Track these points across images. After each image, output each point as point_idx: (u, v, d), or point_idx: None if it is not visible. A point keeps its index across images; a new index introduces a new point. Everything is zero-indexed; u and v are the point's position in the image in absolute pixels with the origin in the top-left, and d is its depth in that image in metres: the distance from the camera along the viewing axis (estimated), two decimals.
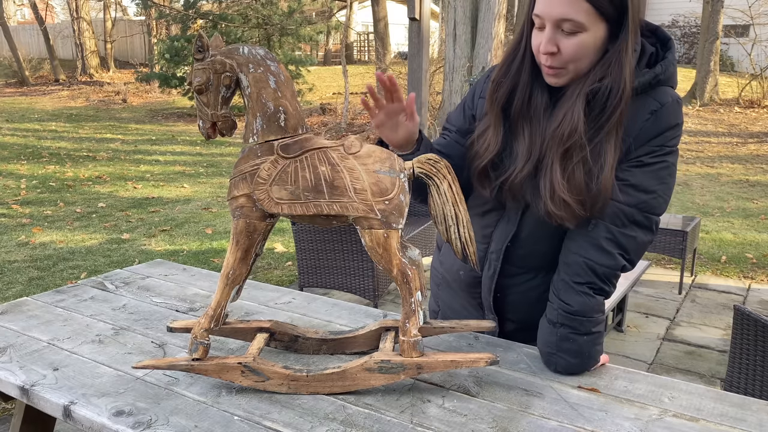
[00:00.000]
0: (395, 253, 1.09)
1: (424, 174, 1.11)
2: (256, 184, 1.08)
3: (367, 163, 1.08)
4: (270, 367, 1.15)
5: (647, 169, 1.15)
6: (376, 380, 1.14)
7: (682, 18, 16.27)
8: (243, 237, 1.11)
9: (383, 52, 12.58)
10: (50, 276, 4.35)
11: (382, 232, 1.08)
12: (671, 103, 1.16)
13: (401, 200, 1.08)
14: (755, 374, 1.90)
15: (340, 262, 3.57)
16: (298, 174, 1.08)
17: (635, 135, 1.15)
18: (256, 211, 1.10)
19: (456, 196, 1.11)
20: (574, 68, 1.13)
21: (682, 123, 1.18)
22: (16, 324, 1.47)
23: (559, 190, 1.14)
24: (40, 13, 18.55)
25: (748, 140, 9.33)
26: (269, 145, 1.09)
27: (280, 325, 1.29)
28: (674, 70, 1.18)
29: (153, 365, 1.17)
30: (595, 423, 1.06)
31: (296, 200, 1.08)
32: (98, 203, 6.49)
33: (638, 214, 1.16)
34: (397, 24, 17.87)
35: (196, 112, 1.11)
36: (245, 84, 1.08)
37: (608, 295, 1.21)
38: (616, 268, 1.18)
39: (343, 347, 1.30)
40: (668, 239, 3.98)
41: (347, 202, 1.07)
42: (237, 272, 1.12)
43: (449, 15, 6.87)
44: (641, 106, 1.15)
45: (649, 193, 1.16)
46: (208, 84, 1.08)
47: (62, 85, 17.13)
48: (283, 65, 1.10)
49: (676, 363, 3.15)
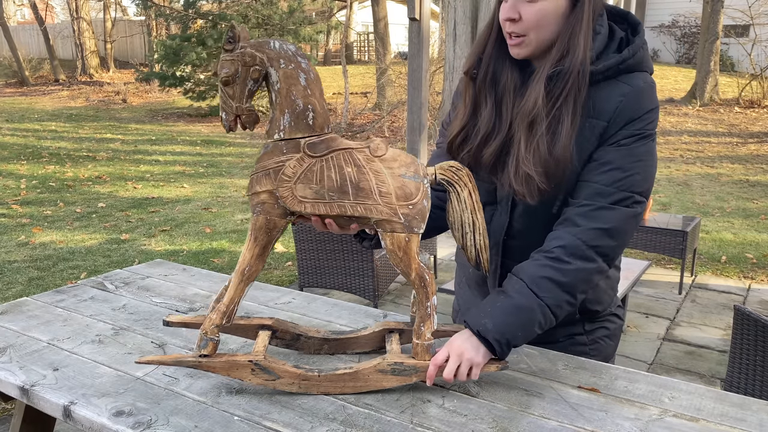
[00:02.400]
0: (414, 257, 1.10)
1: (446, 180, 1.12)
2: (281, 181, 1.07)
3: (392, 167, 1.08)
4: (281, 366, 1.14)
5: (623, 149, 1.16)
6: (388, 382, 1.14)
7: (682, 18, 16.27)
8: (262, 233, 1.10)
9: (383, 52, 12.58)
10: (50, 276, 4.35)
11: (404, 236, 1.08)
12: (645, 87, 1.17)
13: (424, 205, 1.08)
14: (755, 374, 1.90)
15: (340, 262, 3.57)
16: (323, 173, 1.07)
17: (610, 118, 1.16)
18: (278, 209, 1.09)
19: (475, 204, 1.13)
20: (536, 37, 1.16)
21: (658, 107, 1.19)
22: (16, 324, 1.47)
23: (522, 164, 1.16)
24: (40, 13, 18.55)
25: (748, 140, 9.33)
26: (296, 142, 1.07)
27: (282, 323, 1.29)
28: (644, 54, 1.19)
29: (160, 361, 1.16)
30: (595, 423, 1.06)
31: (320, 200, 1.07)
32: (98, 203, 6.49)
33: (617, 192, 1.15)
34: (397, 24, 17.86)
35: (220, 103, 1.08)
36: (275, 79, 1.06)
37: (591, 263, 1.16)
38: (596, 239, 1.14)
39: (345, 347, 1.30)
40: (668, 239, 3.98)
41: (372, 205, 1.07)
42: (253, 269, 1.11)
43: (449, 15, 6.87)
44: (612, 89, 1.16)
45: (626, 171, 1.15)
46: (235, 76, 1.05)
47: (62, 85, 17.13)
48: (311, 63, 1.09)
49: (676, 363, 3.15)
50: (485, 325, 1.12)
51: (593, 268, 1.15)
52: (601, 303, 1.33)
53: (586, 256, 1.14)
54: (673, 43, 16.58)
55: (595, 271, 1.16)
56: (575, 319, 1.32)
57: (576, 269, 1.14)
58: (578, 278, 1.15)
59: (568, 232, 1.16)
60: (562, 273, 1.13)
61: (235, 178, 7.81)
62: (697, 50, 12.68)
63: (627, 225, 1.16)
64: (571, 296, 1.15)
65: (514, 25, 1.16)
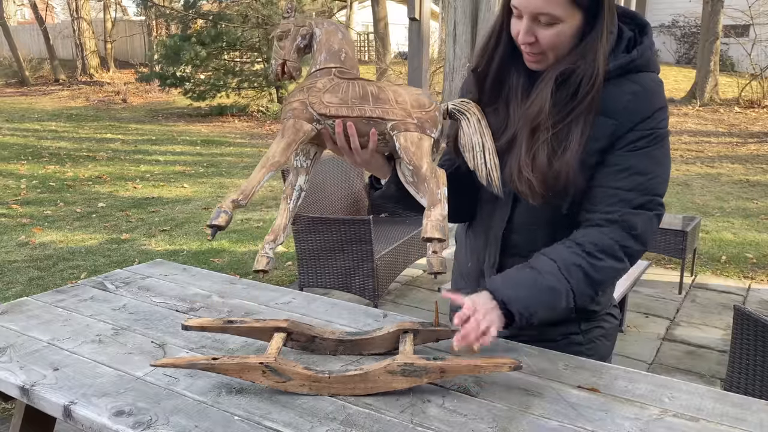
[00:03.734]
0: (427, 154, 1.18)
1: (457, 110, 1.23)
2: (311, 91, 1.20)
3: (409, 90, 1.22)
4: (292, 368, 1.14)
5: (640, 152, 1.16)
6: (398, 383, 1.14)
7: (682, 18, 16.27)
8: (289, 131, 1.19)
9: (383, 52, 12.57)
10: (50, 276, 4.35)
11: (417, 134, 1.18)
12: (653, 86, 1.18)
13: (437, 116, 1.19)
14: (755, 374, 1.90)
15: (340, 262, 3.57)
16: (348, 88, 1.20)
17: (619, 118, 1.16)
18: (306, 113, 1.19)
19: (484, 129, 1.21)
20: (554, 55, 1.17)
21: (667, 106, 1.20)
22: (16, 324, 1.47)
23: (523, 167, 1.17)
24: (40, 13, 18.55)
25: (748, 140, 9.33)
26: (327, 70, 1.22)
27: (297, 325, 1.29)
28: (651, 54, 1.19)
29: (173, 363, 1.16)
30: (595, 423, 1.06)
31: (344, 104, 1.19)
32: (98, 203, 6.49)
33: (639, 196, 1.16)
34: (397, 24, 17.85)
35: (272, 56, 1.26)
36: (318, 34, 1.24)
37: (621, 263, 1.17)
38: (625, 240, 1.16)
39: (360, 348, 1.29)
40: (668, 239, 3.98)
41: (389, 108, 1.18)
42: (276, 158, 1.19)
43: (449, 15, 6.86)
44: (620, 88, 1.17)
45: (646, 175, 1.16)
46: (287, 33, 1.23)
47: (62, 85, 17.13)
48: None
49: (676, 363, 3.15)
50: (511, 296, 1.13)
51: (621, 268, 1.17)
52: (599, 303, 1.33)
53: (617, 256, 1.16)
54: (673, 43, 16.58)
55: (622, 271, 1.18)
56: (572, 318, 1.32)
57: (607, 267, 1.15)
58: (608, 276, 1.17)
59: (598, 231, 1.17)
60: (594, 268, 1.15)
61: (235, 178, 7.81)
62: (697, 50, 12.68)
63: (651, 226, 1.17)
64: (594, 292, 1.17)
65: (531, 47, 1.17)
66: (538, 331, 1.32)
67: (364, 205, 4.39)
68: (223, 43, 12.63)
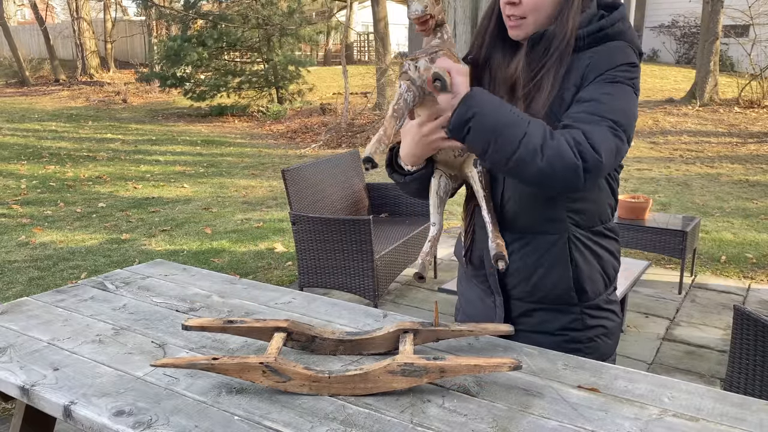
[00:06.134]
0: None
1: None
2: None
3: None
4: (292, 368, 1.15)
5: (591, 86, 1.19)
6: (398, 383, 1.14)
7: (682, 18, 16.27)
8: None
9: (383, 52, 12.56)
10: (50, 276, 4.36)
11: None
12: (617, 44, 1.22)
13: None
14: (755, 374, 1.90)
15: (340, 262, 3.57)
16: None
17: (582, 75, 1.20)
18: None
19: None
20: (533, 20, 1.24)
21: (638, 67, 1.22)
22: (16, 324, 1.47)
23: None
24: (40, 13, 18.57)
25: (748, 140, 9.33)
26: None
27: (298, 325, 1.29)
28: (624, 27, 1.24)
29: (173, 363, 1.17)
30: (595, 423, 1.06)
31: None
32: (98, 203, 6.50)
33: (593, 117, 1.13)
34: (397, 24, 17.87)
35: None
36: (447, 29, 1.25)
37: (573, 155, 1.11)
38: (578, 138, 1.11)
39: (360, 348, 1.29)
40: (668, 239, 3.98)
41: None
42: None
43: (449, 15, 6.87)
44: (586, 55, 1.22)
45: (592, 101, 1.16)
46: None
47: (62, 85, 17.14)
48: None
49: (676, 363, 3.15)
50: (483, 96, 1.11)
51: (571, 159, 1.09)
52: (593, 282, 1.32)
53: (570, 145, 1.09)
54: (673, 43, 16.58)
55: (572, 165, 1.09)
56: (572, 302, 1.32)
57: (562, 145, 1.09)
58: (558, 150, 1.09)
59: (558, 131, 1.15)
60: (551, 135, 1.11)
61: (235, 178, 7.81)
62: (696, 50, 12.68)
63: (607, 140, 1.11)
64: (542, 154, 1.09)
65: (514, 8, 1.24)
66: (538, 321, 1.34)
67: (364, 205, 4.39)
68: (224, 44, 12.64)
